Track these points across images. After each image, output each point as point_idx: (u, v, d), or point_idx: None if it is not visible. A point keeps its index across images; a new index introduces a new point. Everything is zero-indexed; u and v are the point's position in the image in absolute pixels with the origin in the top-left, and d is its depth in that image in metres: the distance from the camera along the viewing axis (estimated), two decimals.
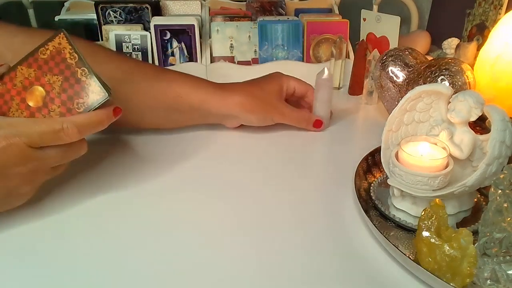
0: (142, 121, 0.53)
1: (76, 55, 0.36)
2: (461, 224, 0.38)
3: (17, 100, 0.36)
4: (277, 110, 0.55)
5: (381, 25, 0.76)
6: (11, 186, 0.34)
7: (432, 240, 0.31)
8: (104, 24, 0.77)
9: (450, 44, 0.76)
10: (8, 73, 0.36)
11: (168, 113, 0.52)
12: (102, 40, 0.77)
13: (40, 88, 0.36)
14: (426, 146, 0.38)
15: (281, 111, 0.55)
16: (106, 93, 0.36)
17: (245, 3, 0.88)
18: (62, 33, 0.36)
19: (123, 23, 0.78)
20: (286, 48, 0.79)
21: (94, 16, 0.77)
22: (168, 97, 0.50)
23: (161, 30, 0.75)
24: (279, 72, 0.58)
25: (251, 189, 0.45)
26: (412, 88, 0.40)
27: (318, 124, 0.57)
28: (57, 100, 0.36)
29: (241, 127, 0.57)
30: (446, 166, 0.36)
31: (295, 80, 0.57)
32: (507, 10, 0.71)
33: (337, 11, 0.89)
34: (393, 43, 0.73)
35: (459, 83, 0.51)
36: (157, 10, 0.82)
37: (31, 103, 0.36)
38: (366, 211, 0.38)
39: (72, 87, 0.36)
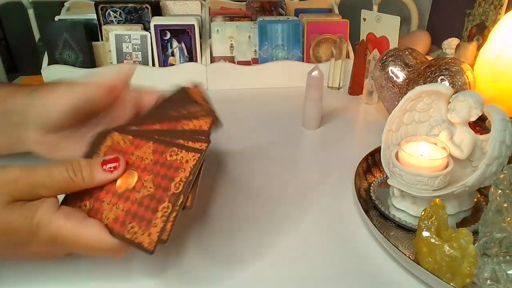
0: None
1: (190, 178, 0.29)
2: (461, 224, 0.38)
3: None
4: None
5: (381, 25, 0.76)
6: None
7: (432, 240, 0.31)
8: (104, 24, 0.77)
9: (450, 44, 0.76)
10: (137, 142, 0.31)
11: None
12: (102, 40, 0.77)
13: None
14: (426, 146, 0.38)
15: None
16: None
17: (245, 3, 0.88)
18: (200, 154, 0.29)
19: (123, 23, 0.78)
20: (286, 48, 0.79)
21: (94, 16, 0.77)
22: None
23: (161, 30, 0.75)
24: None
25: (250, 190, 0.45)
26: (412, 88, 0.40)
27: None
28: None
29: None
30: (446, 166, 0.36)
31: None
32: (507, 10, 0.71)
33: (337, 11, 0.89)
34: (393, 43, 0.73)
35: (459, 83, 0.51)
36: (157, 10, 0.82)
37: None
38: (366, 211, 0.38)
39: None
